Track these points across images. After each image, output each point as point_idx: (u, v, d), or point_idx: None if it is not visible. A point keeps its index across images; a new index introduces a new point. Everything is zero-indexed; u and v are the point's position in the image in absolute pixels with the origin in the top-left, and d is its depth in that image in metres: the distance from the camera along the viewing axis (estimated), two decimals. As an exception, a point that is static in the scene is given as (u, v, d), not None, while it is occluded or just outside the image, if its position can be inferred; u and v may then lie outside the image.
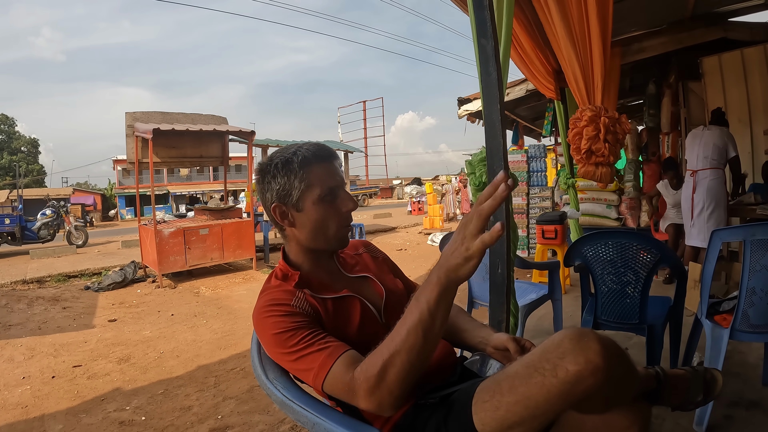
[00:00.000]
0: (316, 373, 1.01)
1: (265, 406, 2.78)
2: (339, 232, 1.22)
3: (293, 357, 1.05)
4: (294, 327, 1.06)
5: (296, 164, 1.17)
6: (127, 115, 7.46)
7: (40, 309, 5.60)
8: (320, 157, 1.19)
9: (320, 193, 1.17)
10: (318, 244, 1.23)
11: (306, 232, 1.21)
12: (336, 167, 1.22)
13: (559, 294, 3.17)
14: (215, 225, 7.43)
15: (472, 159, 2.62)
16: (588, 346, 0.87)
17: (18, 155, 41.24)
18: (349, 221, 1.23)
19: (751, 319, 2.09)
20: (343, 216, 1.21)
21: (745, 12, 4.75)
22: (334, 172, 1.21)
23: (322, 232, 1.20)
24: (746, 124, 5.34)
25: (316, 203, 1.17)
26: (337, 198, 1.20)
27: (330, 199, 1.18)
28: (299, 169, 1.17)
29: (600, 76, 3.43)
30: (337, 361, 1.00)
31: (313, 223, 1.19)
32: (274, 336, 1.07)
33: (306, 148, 1.20)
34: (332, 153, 1.24)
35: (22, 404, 3.04)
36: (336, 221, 1.20)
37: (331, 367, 0.99)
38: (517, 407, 0.89)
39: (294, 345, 1.04)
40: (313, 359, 1.02)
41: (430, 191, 15.62)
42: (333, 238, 1.22)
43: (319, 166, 1.18)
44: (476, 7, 1.84)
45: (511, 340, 1.18)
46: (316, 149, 1.20)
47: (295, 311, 1.10)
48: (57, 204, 12.29)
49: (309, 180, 1.17)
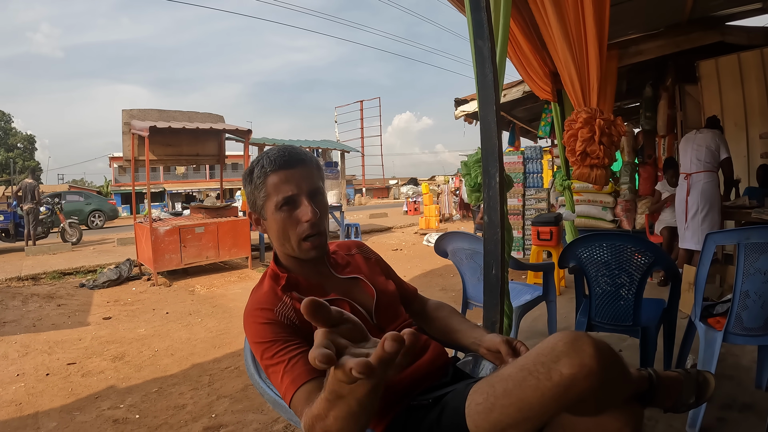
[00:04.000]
0: (283, 393, 1.02)
1: (259, 405, 2.77)
2: (301, 243, 1.19)
3: (268, 369, 1.06)
4: (271, 339, 1.07)
5: (256, 174, 1.18)
6: (123, 112, 7.42)
7: (34, 306, 5.58)
8: (279, 164, 1.16)
9: (276, 202, 1.16)
10: (286, 251, 1.23)
11: (273, 240, 1.23)
12: (299, 174, 1.18)
13: (554, 295, 3.18)
14: (211, 223, 7.42)
15: (468, 160, 2.62)
16: (582, 350, 0.87)
17: (14, 151, 41.03)
18: (310, 231, 1.18)
19: (745, 322, 2.10)
20: (303, 226, 1.17)
21: (743, 16, 4.77)
22: (295, 179, 1.17)
23: (285, 241, 1.20)
24: (742, 128, 5.37)
25: (273, 213, 1.18)
26: (297, 207, 1.17)
27: (288, 208, 1.17)
28: (257, 179, 1.18)
29: (596, 78, 3.44)
30: (298, 390, 0.99)
31: (274, 232, 1.21)
32: (255, 344, 1.09)
33: (269, 155, 1.18)
34: (295, 158, 1.19)
35: (16, 401, 3.02)
36: (295, 232, 1.18)
37: (293, 394, 0.99)
38: (511, 410, 0.89)
39: (269, 358, 1.05)
40: (282, 379, 1.02)
41: (426, 191, 15.62)
42: (297, 248, 1.20)
43: (276, 175, 1.16)
44: (473, 8, 1.84)
45: (503, 342, 1.18)
46: (277, 156, 1.17)
47: (277, 320, 1.10)
48: (52, 201, 12.23)
49: (266, 189, 1.18)
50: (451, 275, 6.35)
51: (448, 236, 3.06)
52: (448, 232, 3.12)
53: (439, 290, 5.63)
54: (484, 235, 1.90)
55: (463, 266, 3.03)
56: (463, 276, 3.07)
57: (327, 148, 11.87)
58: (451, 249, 3.06)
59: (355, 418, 0.78)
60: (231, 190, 31.33)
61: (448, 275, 6.42)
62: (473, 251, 2.85)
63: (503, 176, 1.88)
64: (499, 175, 1.83)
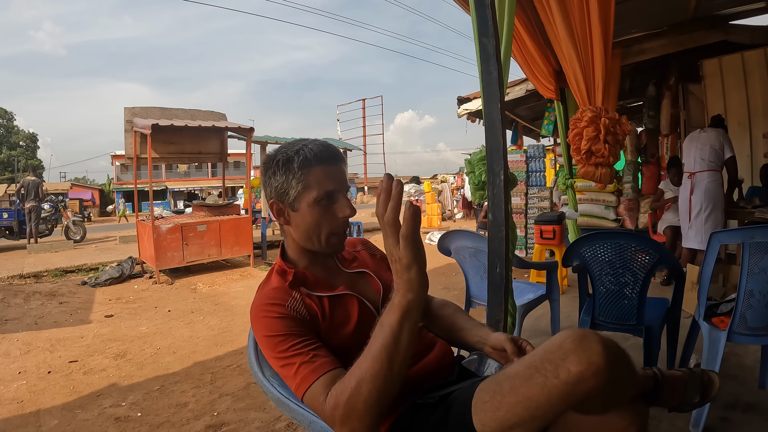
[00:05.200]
0: (297, 385, 1.01)
1: (261, 403, 2.77)
2: (331, 237, 1.19)
3: (280, 363, 1.05)
4: (285, 333, 1.06)
5: (296, 164, 1.14)
6: (126, 110, 7.43)
7: (36, 304, 5.59)
8: (322, 158, 1.15)
9: (316, 195, 1.14)
10: (310, 245, 1.21)
11: (299, 233, 1.20)
12: (339, 170, 1.18)
13: (557, 294, 3.18)
14: (213, 221, 7.42)
15: (472, 158, 2.63)
16: (590, 347, 0.87)
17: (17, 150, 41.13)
18: (343, 228, 1.19)
19: (749, 322, 2.09)
20: (339, 221, 1.18)
21: (746, 15, 4.75)
22: (336, 175, 1.17)
23: (314, 235, 1.18)
24: (745, 127, 5.35)
25: (311, 205, 1.15)
26: (335, 202, 1.17)
27: (326, 203, 1.16)
28: (298, 170, 1.14)
29: (601, 77, 3.43)
30: (318, 380, 0.99)
31: (306, 225, 1.18)
32: (266, 338, 1.07)
33: (310, 147, 1.16)
34: (336, 155, 1.19)
35: (18, 399, 3.03)
36: (329, 226, 1.17)
37: (311, 384, 0.99)
38: (518, 408, 0.89)
39: (283, 351, 1.04)
40: (298, 371, 1.01)
41: (429, 190, 15.60)
42: (325, 243, 1.19)
43: (319, 168, 1.15)
44: (478, 6, 1.84)
45: (508, 340, 1.17)
46: (320, 150, 1.16)
47: (290, 314, 1.09)
48: (55, 199, 12.25)
49: (307, 181, 1.14)
50: (453, 274, 6.35)
51: (451, 234, 3.06)
52: (451, 230, 3.11)
53: (442, 289, 5.63)
54: (489, 233, 1.90)
55: (466, 265, 3.02)
56: (466, 274, 3.07)
57: (329, 146, 11.86)
58: (454, 247, 3.05)
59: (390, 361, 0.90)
60: (233, 188, 31.36)
61: (451, 274, 6.41)
62: (476, 249, 2.84)
63: (507, 174, 1.87)
64: (504, 173, 1.82)
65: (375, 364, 0.91)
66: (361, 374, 0.92)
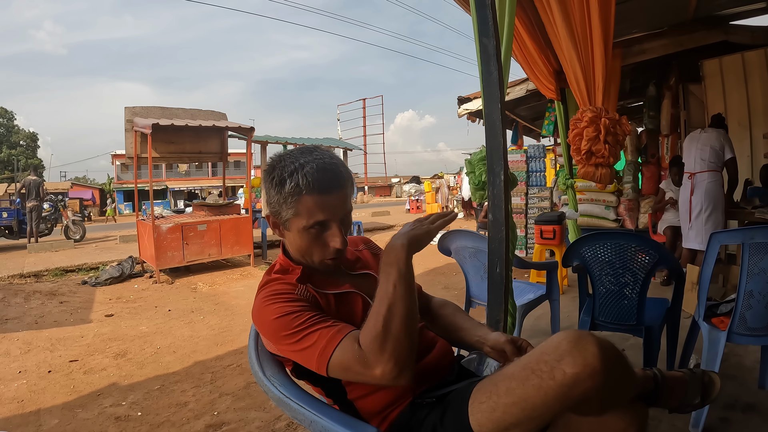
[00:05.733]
0: (323, 348, 0.99)
1: (262, 402, 2.77)
2: (322, 263, 1.19)
3: (297, 337, 1.03)
4: (299, 309, 1.06)
5: (288, 189, 1.09)
6: (126, 109, 7.43)
7: (37, 303, 5.59)
8: (315, 188, 1.09)
9: (305, 224, 1.12)
10: (304, 261, 1.21)
11: (293, 249, 1.21)
12: (333, 199, 1.12)
13: (557, 294, 3.18)
14: (213, 221, 7.42)
15: (472, 158, 2.62)
16: (586, 349, 0.87)
17: (17, 149, 41.14)
18: (334, 255, 1.17)
19: (749, 322, 2.10)
20: (329, 250, 1.16)
21: (747, 15, 4.75)
22: (329, 205, 1.11)
23: (307, 256, 1.19)
24: (746, 128, 5.35)
25: (300, 231, 1.14)
26: (326, 231, 1.14)
27: (317, 231, 1.13)
28: (288, 195, 1.10)
29: (601, 77, 3.43)
30: (346, 336, 0.99)
31: (297, 246, 1.18)
32: (277, 320, 1.06)
33: (305, 171, 1.09)
34: (332, 183, 1.12)
35: (18, 398, 3.03)
36: (320, 253, 1.17)
37: (340, 341, 0.99)
38: (514, 409, 0.89)
39: (299, 324, 1.03)
40: (321, 335, 1.01)
41: (429, 190, 15.60)
42: (318, 264, 1.19)
43: (310, 198, 1.09)
44: (479, 6, 1.83)
45: (508, 341, 1.17)
46: (315, 177, 1.09)
47: (299, 298, 1.10)
48: (55, 198, 12.25)
49: (297, 209, 1.10)
50: (453, 273, 6.35)
51: (452, 234, 3.06)
52: (451, 230, 3.11)
53: (442, 288, 5.63)
54: (489, 233, 1.90)
55: (467, 264, 3.02)
56: (466, 274, 3.07)
57: (329, 146, 11.87)
58: (454, 247, 3.05)
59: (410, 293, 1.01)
60: (233, 188, 31.36)
61: (451, 273, 6.41)
62: (476, 249, 2.84)
63: (508, 174, 1.87)
64: (504, 174, 1.82)
65: (397, 288, 0.99)
66: (388, 302, 0.98)
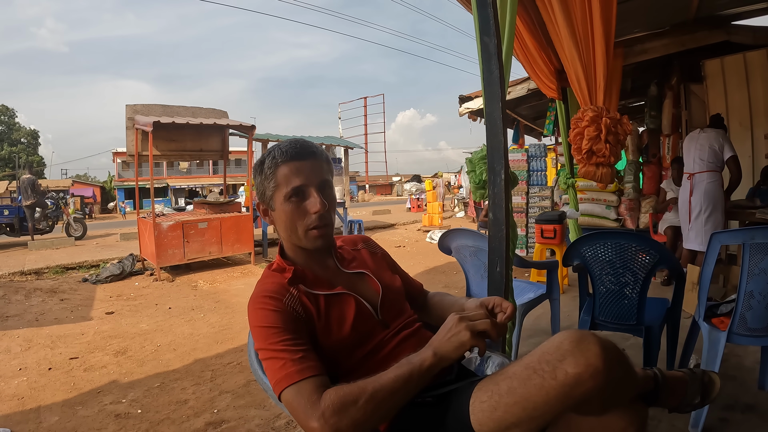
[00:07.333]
0: (279, 379, 1.00)
1: (261, 400, 2.78)
2: (309, 232, 1.20)
3: (268, 354, 1.04)
4: (279, 327, 1.06)
5: (267, 164, 1.20)
6: (127, 107, 7.43)
7: (37, 300, 5.59)
8: (289, 155, 1.18)
9: (285, 192, 1.17)
10: (295, 240, 1.23)
11: (281, 230, 1.24)
12: (308, 166, 1.19)
13: (557, 293, 3.17)
14: (214, 219, 7.42)
15: (473, 157, 2.61)
16: (588, 349, 0.87)
17: (18, 146, 41.17)
18: (319, 222, 1.19)
19: (749, 323, 2.10)
20: (311, 217, 1.18)
21: (749, 15, 4.73)
22: (304, 170, 1.18)
23: (293, 232, 1.21)
24: (747, 128, 5.35)
25: (282, 203, 1.19)
26: (306, 198, 1.18)
27: (297, 199, 1.18)
28: (268, 169, 1.20)
29: (602, 76, 3.42)
30: (306, 380, 0.98)
31: (283, 222, 1.21)
32: (259, 328, 1.08)
33: (279, 147, 1.20)
34: (305, 150, 1.21)
35: (19, 395, 3.03)
36: (304, 222, 1.19)
37: (297, 382, 0.98)
38: (515, 408, 0.89)
39: (273, 344, 1.04)
40: (284, 366, 1.01)
41: (430, 188, 15.58)
42: (304, 238, 1.21)
43: (286, 166, 1.18)
44: (480, 5, 1.83)
45: (479, 305, 1.17)
46: (288, 147, 1.19)
47: (286, 310, 1.10)
48: (56, 195, 12.25)
49: (276, 180, 1.19)
50: (454, 272, 6.35)
51: (452, 233, 3.05)
52: (452, 229, 3.11)
53: (442, 287, 5.62)
54: (489, 232, 1.90)
55: (467, 263, 3.02)
56: (466, 273, 3.07)
57: (330, 144, 11.83)
58: (454, 246, 3.05)
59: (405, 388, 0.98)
60: (234, 186, 31.35)
61: (451, 272, 6.42)
62: (477, 248, 2.84)
63: (508, 173, 1.87)
64: (505, 173, 1.82)
65: (397, 383, 0.96)
66: (380, 384, 0.96)
